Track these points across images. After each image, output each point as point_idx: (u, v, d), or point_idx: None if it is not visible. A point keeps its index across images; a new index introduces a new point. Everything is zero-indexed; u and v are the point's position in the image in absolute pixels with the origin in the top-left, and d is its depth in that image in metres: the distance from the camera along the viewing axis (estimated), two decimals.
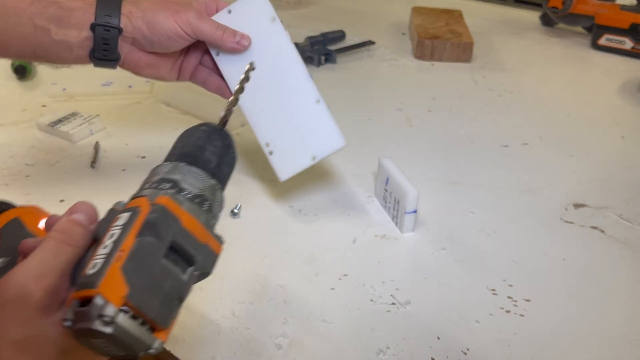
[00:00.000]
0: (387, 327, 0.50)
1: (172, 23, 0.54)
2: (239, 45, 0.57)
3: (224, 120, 0.42)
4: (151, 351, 0.30)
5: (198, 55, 0.62)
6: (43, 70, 1.00)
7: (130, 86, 0.91)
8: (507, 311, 0.52)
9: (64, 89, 0.90)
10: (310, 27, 1.23)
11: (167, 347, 0.48)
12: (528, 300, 0.53)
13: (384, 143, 0.79)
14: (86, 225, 0.35)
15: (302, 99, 0.58)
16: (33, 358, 0.32)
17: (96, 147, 0.76)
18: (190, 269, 0.32)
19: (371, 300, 0.53)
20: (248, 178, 0.70)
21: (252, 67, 0.57)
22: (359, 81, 0.99)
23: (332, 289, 0.54)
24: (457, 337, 0.49)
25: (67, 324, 0.29)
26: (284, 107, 0.59)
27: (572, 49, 1.14)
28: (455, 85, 0.97)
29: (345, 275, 0.56)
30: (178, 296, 0.31)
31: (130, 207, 0.32)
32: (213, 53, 0.60)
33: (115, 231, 0.31)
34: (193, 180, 0.34)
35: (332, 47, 1.08)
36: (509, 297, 0.53)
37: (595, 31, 1.12)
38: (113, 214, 0.33)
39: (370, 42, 1.11)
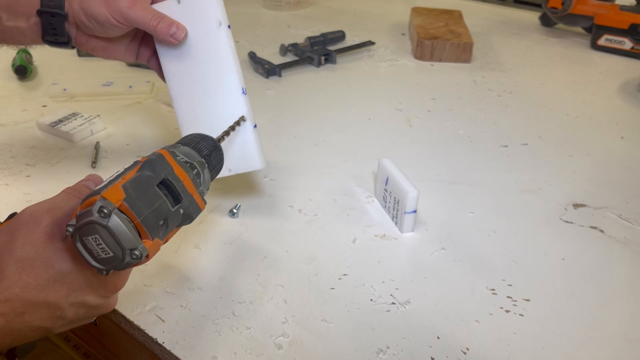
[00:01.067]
0: (387, 326, 0.50)
1: (104, 11, 0.54)
2: (172, 38, 0.56)
3: (219, 138, 0.50)
4: (135, 253, 0.34)
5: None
6: (44, 71, 1.00)
7: (130, 86, 0.91)
8: (507, 311, 0.52)
9: (65, 89, 0.90)
10: (311, 27, 1.23)
11: (168, 347, 0.48)
12: (527, 300, 0.53)
13: (384, 143, 0.80)
14: (93, 188, 0.41)
15: (230, 112, 0.58)
16: (33, 276, 0.36)
17: (97, 147, 0.76)
18: (177, 206, 0.37)
19: (371, 300, 0.53)
20: (248, 178, 0.70)
21: (243, 119, 0.57)
22: (359, 81, 0.99)
23: (332, 288, 0.54)
24: (456, 336, 0.49)
25: (70, 229, 0.35)
26: (212, 114, 0.59)
27: (571, 49, 1.14)
28: (455, 86, 0.97)
29: (345, 275, 0.56)
30: (164, 218, 0.36)
31: (134, 161, 0.39)
32: (155, 40, 0.59)
33: (120, 170, 0.38)
34: (187, 153, 0.42)
35: (332, 48, 1.08)
36: (508, 297, 0.53)
37: (594, 31, 1.12)
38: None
39: (370, 43, 1.11)
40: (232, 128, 0.55)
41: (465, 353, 0.48)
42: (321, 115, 0.87)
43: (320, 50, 1.05)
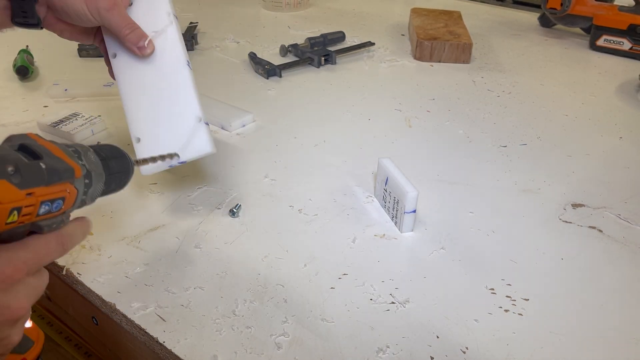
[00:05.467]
0: (387, 326, 0.50)
1: (82, 6, 0.55)
2: (139, 50, 0.58)
3: (138, 161, 0.53)
4: None
5: None
6: (45, 71, 1.00)
7: None
8: (506, 310, 0.52)
9: (66, 90, 0.90)
10: (311, 28, 1.23)
11: (169, 346, 0.48)
12: (526, 300, 0.53)
13: (384, 143, 0.80)
14: None
15: (181, 106, 0.59)
16: None
17: None
18: (35, 160, 0.36)
19: (371, 299, 0.53)
20: (248, 178, 0.71)
21: (177, 155, 0.58)
22: (359, 82, 0.99)
23: (331, 288, 0.54)
24: (456, 336, 0.50)
25: None
26: (163, 109, 0.60)
27: (570, 50, 1.14)
28: (454, 86, 0.98)
29: (345, 274, 0.56)
30: (14, 165, 0.35)
31: None
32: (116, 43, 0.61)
33: None
34: (90, 157, 0.41)
35: (332, 48, 1.08)
36: (507, 297, 0.54)
37: (593, 32, 1.13)
38: None
39: (370, 43, 1.12)
40: (162, 158, 0.56)
41: (464, 352, 0.48)
42: (321, 115, 0.87)
43: (320, 51, 1.06)
